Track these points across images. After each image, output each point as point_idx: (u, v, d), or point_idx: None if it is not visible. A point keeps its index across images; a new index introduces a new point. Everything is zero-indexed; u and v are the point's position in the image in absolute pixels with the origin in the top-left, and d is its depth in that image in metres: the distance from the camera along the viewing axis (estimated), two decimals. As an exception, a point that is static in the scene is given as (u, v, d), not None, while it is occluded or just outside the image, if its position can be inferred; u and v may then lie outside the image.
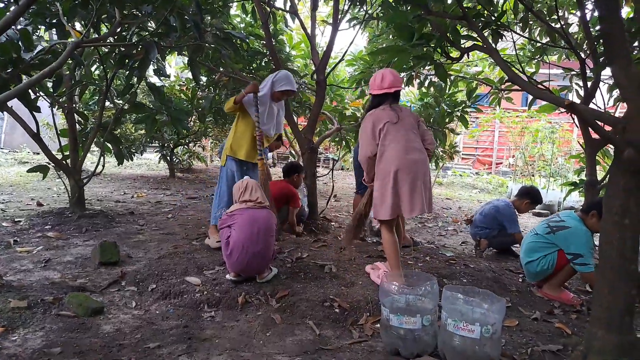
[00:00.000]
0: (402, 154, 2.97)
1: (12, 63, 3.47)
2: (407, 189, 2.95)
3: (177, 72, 8.54)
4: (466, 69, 6.86)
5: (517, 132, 10.62)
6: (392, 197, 2.96)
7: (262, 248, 3.02)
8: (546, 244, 3.34)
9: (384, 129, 3.02)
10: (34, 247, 3.67)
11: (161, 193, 7.22)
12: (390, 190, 2.96)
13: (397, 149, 2.98)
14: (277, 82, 3.86)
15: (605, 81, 4.89)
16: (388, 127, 3.03)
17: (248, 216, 3.07)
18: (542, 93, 2.47)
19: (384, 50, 3.69)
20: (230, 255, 2.99)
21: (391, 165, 2.96)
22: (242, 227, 3.02)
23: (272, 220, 3.19)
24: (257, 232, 3.02)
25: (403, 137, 3.02)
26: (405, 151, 2.98)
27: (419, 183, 2.97)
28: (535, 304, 3.17)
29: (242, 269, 3.01)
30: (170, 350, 2.21)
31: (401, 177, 2.95)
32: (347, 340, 2.46)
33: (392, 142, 3.01)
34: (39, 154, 11.36)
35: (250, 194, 3.18)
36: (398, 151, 2.98)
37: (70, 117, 5.03)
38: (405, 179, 2.95)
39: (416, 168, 2.98)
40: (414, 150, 3.03)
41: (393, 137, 3.01)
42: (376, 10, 5.37)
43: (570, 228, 3.24)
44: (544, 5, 5.21)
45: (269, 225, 3.12)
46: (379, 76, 3.15)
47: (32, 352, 2.07)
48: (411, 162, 2.97)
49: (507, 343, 2.47)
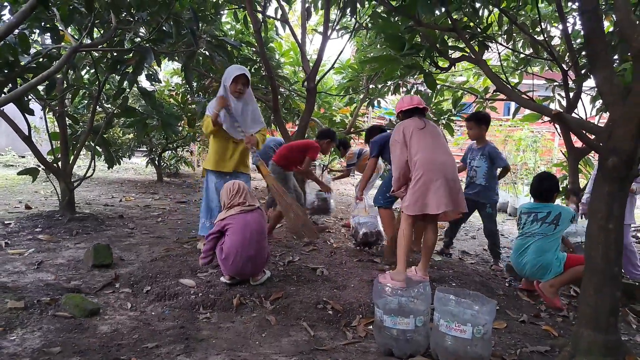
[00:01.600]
0: (430, 155, 3.17)
1: (9, 66, 3.48)
2: (434, 188, 3.10)
3: (167, 78, 8.54)
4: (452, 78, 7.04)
5: (500, 140, 10.83)
6: (420, 195, 3.13)
7: (256, 251, 3.07)
8: (555, 240, 3.38)
9: (412, 135, 3.23)
10: (25, 249, 3.66)
11: (149, 197, 7.19)
12: (419, 188, 3.13)
13: (425, 151, 3.17)
14: (225, 79, 3.71)
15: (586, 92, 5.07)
16: (415, 132, 3.24)
17: (240, 220, 3.10)
18: (529, 103, 2.58)
19: (374, 59, 3.80)
20: (226, 260, 3.02)
21: (420, 168, 3.14)
22: (235, 233, 3.06)
23: (263, 222, 3.24)
24: (250, 237, 3.06)
25: (431, 141, 3.23)
26: (433, 152, 3.18)
27: (446, 183, 3.13)
28: (522, 307, 3.27)
29: (238, 272, 3.05)
30: (169, 350, 2.24)
31: (430, 178, 3.11)
32: (341, 341, 2.52)
33: (420, 145, 3.20)
34: (24, 157, 11.21)
35: (241, 196, 3.22)
36: (426, 153, 3.17)
37: (61, 121, 5.02)
38: (432, 179, 3.11)
39: (444, 169, 3.15)
40: (442, 152, 3.24)
41: (421, 141, 3.21)
42: (365, 20, 5.49)
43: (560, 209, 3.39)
44: (527, 18, 5.39)
45: (261, 227, 3.17)
46: (407, 98, 3.46)
47: (32, 351, 2.08)
48: (439, 163, 3.16)
49: (497, 344, 2.55)
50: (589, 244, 2.35)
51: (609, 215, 2.26)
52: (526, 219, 3.52)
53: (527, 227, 3.50)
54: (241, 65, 3.77)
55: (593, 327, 2.28)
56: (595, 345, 2.25)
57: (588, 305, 2.33)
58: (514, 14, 4.59)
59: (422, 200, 3.13)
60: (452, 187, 3.15)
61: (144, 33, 4.74)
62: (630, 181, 2.30)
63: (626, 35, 2.10)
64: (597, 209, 2.31)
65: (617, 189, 2.25)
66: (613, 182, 2.25)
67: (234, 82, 3.66)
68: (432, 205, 3.11)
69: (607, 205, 2.27)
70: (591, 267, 2.33)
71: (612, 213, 2.26)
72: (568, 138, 4.19)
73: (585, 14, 2.31)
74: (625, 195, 2.29)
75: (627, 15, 2.09)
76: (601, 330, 2.26)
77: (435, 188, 3.10)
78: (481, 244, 5.51)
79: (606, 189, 2.27)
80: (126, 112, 5.19)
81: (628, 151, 2.16)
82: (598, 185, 2.33)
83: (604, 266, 2.27)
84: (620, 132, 2.19)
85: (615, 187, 2.25)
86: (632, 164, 2.20)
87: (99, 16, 4.01)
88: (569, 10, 4.86)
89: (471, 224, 6.60)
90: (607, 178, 2.27)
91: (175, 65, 7.85)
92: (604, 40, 2.27)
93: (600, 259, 2.28)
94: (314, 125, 7.05)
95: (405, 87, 6.35)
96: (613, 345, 2.25)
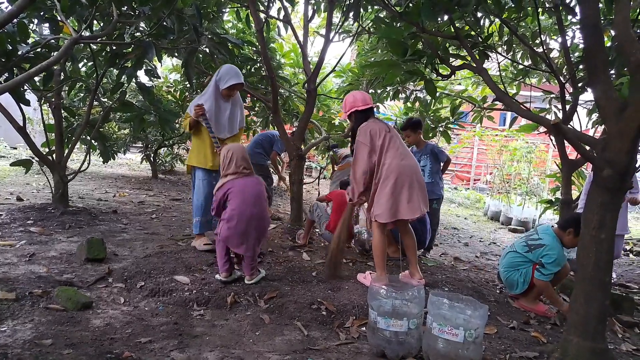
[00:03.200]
0: (399, 160, 3.18)
1: (6, 55, 3.46)
2: (407, 194, 3.15)
3: (165, 74, 8.52)
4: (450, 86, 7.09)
5: (495, 150, 10.93)
6: (392, 201, 3.13)
7: (258, 210, 3.13)
8: (524, 261, 3.47)
9: (384, 140, 3.21)
10: (16, 241, 3.63)
11: (143, 193, 7.16)
12: (390, 194, 3.13)
13: (395, 156, 3.19)
14: (221, 80, 3.68)
15: (582, 105, 5.14)
16: (386, 136, 3.23)
17: (238, 184, 3.16)
18: (528, 113, 2.62)
19: (376, 63, 3.82)
20: (230, 221, 3.06)
21: (391, 172, 3.15)
22: (235, 195, 3.11)
23: (260, 187, 3.26)
24: (249, 197, 3.12)
25: (398, 145, 3.25)
26: (401, 158, 3.20)
27: (418, 187, 3.20)
28: (512, 314, 3.30)
29: (243, 234, 3.07)
30: (162, 345, 2.24)
31: (402, 182, 3.15)
32: (334, 341, 2.53)
33: (390, 150, 3.21)
34: (16, 149, 11.10)
35: (236, 164, 3.23)
36: (396, 158, 3.18)
37: (57, 113, 4.99)
38: (405, 184, 3.15)
39: (412, 172, 3.20)
40: (408, 156, 3.27)
41: (391, 146, 3.22)
42: (368, 25, 5.52)
43: (546, 246, 3.38)
44: (527, 29, 5.45)
45: (258, 190, 3.21)
46: (359, 94, 3.41)
47: (22, 342, 2.07)
48: (407, 167, 3.19)
49: (487, 349, 2.57)
50: (581, 252, 2.38)
51: (601, 225, 2.30)
52: (526, 234, 3.71)
53: (519, 240, 3.64)
54: (238, 70, 3.78)
55: (581, 334, 2.32)
56: (583, 352, 2.29)
57: (577, 312, 2.36)
58: (515, 24, 4.64)
59: (395, 207, 3.15)
60: (422, 191, 3.24)
61: (144, 28, 4.74)
62: (623, 192, 2.34)
63: (624, 51, 2.14)
64: (589, 218, 2.35)
65: (610, 199, 2.29)
66: (606, 192, 2.29)
67: (232, 88, 3.71)
68: (407, 211, 3.15)
69: (600, 215, 2.30)
70: (582, 276, 2.36)
71: (605, 223, 2.30)
72: (563, 150, 4.24)
73: (586, 28, 2.34)
74: (618, 206, 2.33)
75: (626, 31, 2.13)
76: (589, 338, 2.30)
77: (408, 193, 3.15)
78: (473, 252, 5.56)
79: (599, 199, 2.31)
80: (123, 107, 5.17)
81: (622, 164, 2.20)
82: (592, 195, 2.37)
83: (595, 275, 2.31)
84: (615, 145, 2.22)
85: (608, 197, 2.29)
86: (626, 176, 2.25)
87: (100, 8, 4.00)
88: (569, 24, 4.92)
89: (464, 232, 6.64)
90: (601, 189, 2.31)
91: (174, 61, 7.83)
92: (604, 55, 2.30)
93: (592, 267, 2.32)
94: (312, 128, 7.06)
95: (404, 93, 6.37)
96: (600, 353, 2.29)
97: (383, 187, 3.17)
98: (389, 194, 3.13)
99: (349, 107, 3.40)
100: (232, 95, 3.82)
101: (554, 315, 3.34)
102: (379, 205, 3.19)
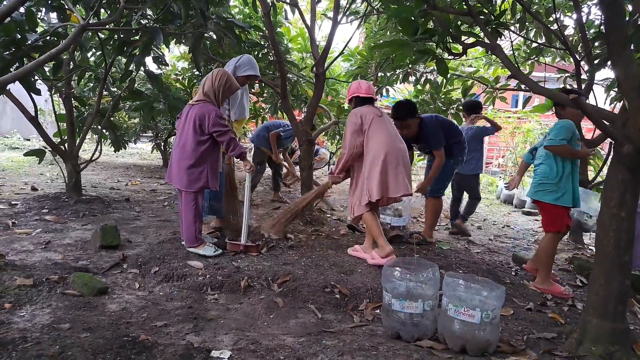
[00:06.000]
0: (390, 141, 3.36)
1: (16, 44, 3.46)
2: (394, 172, 3.32)
3: (173, 62, 8.49)
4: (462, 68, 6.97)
5: (508, 132, 10.75)
6: (381, 178, 3.29)
7: (177, 152, 3.22)
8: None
9: (371, 122, 3.39)
10: (32, 229, 3.67)
11: (155, 182, 7.20)
12: (379, 172, 3.28)
13: (384, 136, 3.36)
14: (240, 66, 3.77)
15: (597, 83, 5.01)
16: (375, 119, 3.41)
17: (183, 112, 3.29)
18: (544, 89, 2.55)
19: (386, 44, 3.72)
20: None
21: (381, 151, 3.31)
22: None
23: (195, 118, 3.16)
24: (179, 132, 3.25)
25: (388, 128, 3.43)
26: (392, 139, 3.38)
27: (403, 168, 3.36)
28: (528, 295, 3.26)
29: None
30: (177, 328, 2.25)
31: (390, 161, 3.31)
32: (348, 324, 2.52)
33: (379, 131, 3.37)
34: (30, 140, 11.22)
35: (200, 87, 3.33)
36: (386, 138, 3.36)
37: (68, 103, 5.00)
38: (392, 163, 3.32)
39: (401, 155, 3.38)
40: (399, 140, 3.46)
41: (380, 128, 3.39)
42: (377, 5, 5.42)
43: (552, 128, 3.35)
44: (541, 6, 5.31)
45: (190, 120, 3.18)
46: (364, 84, 3.62)
47: (41, 327, 2.09)
48: (397, 149, 3.37)
49: (504, 330, 2.54)
50: (601, 231, 2.33)
51: (622, 203, 2.25)
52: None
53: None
54: (257, 63, 3.90)
55: (601, 315, 2.28)
56: (603, 332, 2.25)
57: (597, 293, 2.32)
58: (528, 1, 4.52)
59: (385, 184, 3.31)
60: (407, 174, 3.40)
61: (150, 15, 4.70)
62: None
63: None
64: (609, 196, 2.29)
65: (630, 177, 2.23)
66: (626, 170, 2.23)
67: (248, 77, 3.83)
68: (393, 189, 3.32)
69: (620, 193, 2.25)
70: (602, 255, 2.32)
71: (625, 201, 2.24)
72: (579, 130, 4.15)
73: (606, 2, 2.26)
74: (639, 184, 2.27)
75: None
76: (609, 318, 2.26)
77: (395, 172, 3.32)
78: (486, 235, 5.51)
79: (619, 176, 2.26)
80: (133, 95, 5.17)
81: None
82: (611, 173, 2.31)
83: (615, 254, 2.26)
84: (636, 122, 2.16)
85: (629, 175, 2.23)
86: (647, 153, 2.18)
87: (108, -5, 3.98)
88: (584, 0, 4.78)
89: (477, 215, 6.59)
90: (621, 166, 2.24)
91: (182, 49, 7.80)
92: (624, 29, 2.22)
93: (611, 247, 2.27)
94: (321, 113, 7.00)
95: (414, 76, 6.28)
96: (621, 333, 2.25)
97: (373, 167, 3.32)
98: (379, 172, 3.28)
99: (352, 91, 3.61)
100: (244, 83, 3.92)
101: (570, 296, 3.30)
102: (371, 183, 3.32)
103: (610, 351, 2.18)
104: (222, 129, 3.14)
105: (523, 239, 5.47)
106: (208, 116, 3.10)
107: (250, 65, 3.79)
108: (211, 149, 3.21)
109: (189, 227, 3.21)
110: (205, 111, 3.12)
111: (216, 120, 3.11)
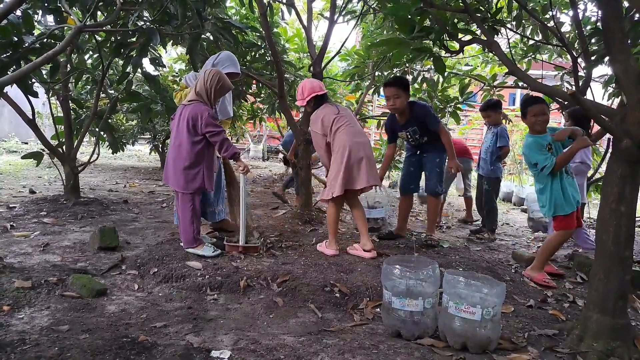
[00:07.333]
0: (351, 137, 3.52)
1: (13, 46, 3.45)
2: (358, 166, 3.48)
3: (170, 64, 8.49)
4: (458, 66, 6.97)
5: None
6: (345, 173, 3.45)
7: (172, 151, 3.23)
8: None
9: (332, 123, 3.55)
10: (30, 232, 3.66)
11: (153, 184, 7.19)
12: (344, 167, 3.44)
13: (346, 133, 3.52)
14: (219, 64, 3.62)
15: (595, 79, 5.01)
16: (336, 118, 3.57)
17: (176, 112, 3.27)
18: (541, 85, 2.55)
19: (383, 42, 3.72)
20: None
21: (343, 147, 3.47)
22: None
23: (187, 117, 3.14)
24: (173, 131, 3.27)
25: (348, 124, 3.58)
26: (353, 135, 3.53)
27: (366, 161, 3.51)
28: (528, 292, 3.25)
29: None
30: (177, 329, 2.24)
31: (353, 156, 3.47)
32: (348, 322, 2.52)
33: (340, 129, 3.54)
34: (27, 143, 11.20)
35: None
36: (347, 135, 3.51)
37: (65, 105, 4.99)
38: (355, 157, 3.47)
39: (363, 148, 3.53)
40: (359, 134, 3.62)
41: (341, 126, 3.55)
42: (373, 3, 5.42)
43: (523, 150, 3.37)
44: (537, 4, 5.31)
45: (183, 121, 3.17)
46: (308, 84, 3.71)
47: (40, 329, 2.08)
48: (359, 144, 3.52)
49: (504, 327, 2.54)
50: (600, 226, 2.33)
51: (621, 198, 2.24)
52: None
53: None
54: (237, 60, 3.76)
55: (601, 311, 2.28)
56: (604, 328, 2.25)
57: (597, 288, 2.32)
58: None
59: (347, 178, 3.46)
60: (372, 165, 3.56)
61: (147, 17, 4.70)
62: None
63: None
64: (608, 191, 2.29)
65: (629, 171, 2.23)
66: (626, 164, 2.22)
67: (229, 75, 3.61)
68: (360, 180, 3.48)
69: (619, 187, 2.24)
70: (601, 251, 2.31)
71: (624, 196, 2.24)
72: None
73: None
74: (638, 178, 2.27)
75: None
76: (609, 314, 2.26)
77: (360, 165, 3.48)
78: (486, 232, 5.50)
79: (618, 171, 2.25)
80: (130, 97, 5.16)
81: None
82: (610, 167, 2.31)
83: (614, 249, 2.26)
84: (634, 116, 2.15)
85: (628, 169, 2.23)
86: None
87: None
88: (580, -4, 4.78)
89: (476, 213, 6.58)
90: (620, 161, 2.24)
91: (179, 51, 7.80)
92: (621, 24, 2.22)
93: (611, 242, 2.26)
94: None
95: (411, 75, 6.27)
96: (621, 329, 2.25)
97: (336, 163, 3.50)
98: (341, 168, 3.44)
99: (308, 92, 3.66)
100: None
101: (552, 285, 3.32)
102: (334, 180, 3.48)
103: (612, 347, 2.18)
104: (215, 129, 3.14)
105: (522, 237, 5.46)
106: (201, 116, 3.09)
107: (231, 62, 3.66)
108: (206, 149, 3.20)
109: (186, 228, 3.20)
110: (197, 111, 3.11)
111: (209, 120, 3.11)
